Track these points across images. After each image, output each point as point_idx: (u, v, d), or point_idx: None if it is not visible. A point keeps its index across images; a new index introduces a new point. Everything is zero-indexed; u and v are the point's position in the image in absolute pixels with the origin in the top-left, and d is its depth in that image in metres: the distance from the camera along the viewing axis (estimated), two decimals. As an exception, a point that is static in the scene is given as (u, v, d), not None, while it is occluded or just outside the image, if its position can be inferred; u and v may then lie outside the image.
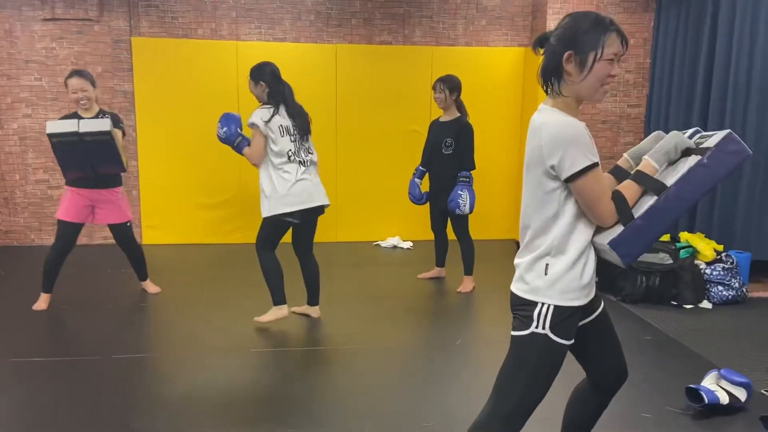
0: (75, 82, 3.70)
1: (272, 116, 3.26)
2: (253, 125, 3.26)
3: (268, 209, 3.31)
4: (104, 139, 3.65)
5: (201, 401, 2.66)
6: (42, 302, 3.82)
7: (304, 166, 3.37)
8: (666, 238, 4.35)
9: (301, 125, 3.37)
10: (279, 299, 3.43)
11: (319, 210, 3.46)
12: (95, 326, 3.58)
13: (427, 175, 4.38)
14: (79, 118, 3.68)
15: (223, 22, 5.57)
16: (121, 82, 5.50)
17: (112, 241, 5.36)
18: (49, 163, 5.53)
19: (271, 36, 5.63)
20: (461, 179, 4.06)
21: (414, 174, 4.42)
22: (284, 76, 3.38)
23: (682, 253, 4.12)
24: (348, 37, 5.71)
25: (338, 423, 2.48)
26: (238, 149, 3.34)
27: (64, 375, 2.90)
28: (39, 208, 5.59)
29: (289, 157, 3.30)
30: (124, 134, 3.80)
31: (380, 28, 5.74)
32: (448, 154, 4.15)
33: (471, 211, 4.08)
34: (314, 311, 3.72)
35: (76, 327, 3.60)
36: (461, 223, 4.21)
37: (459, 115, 4.17)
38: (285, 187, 3.27)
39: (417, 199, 4.39)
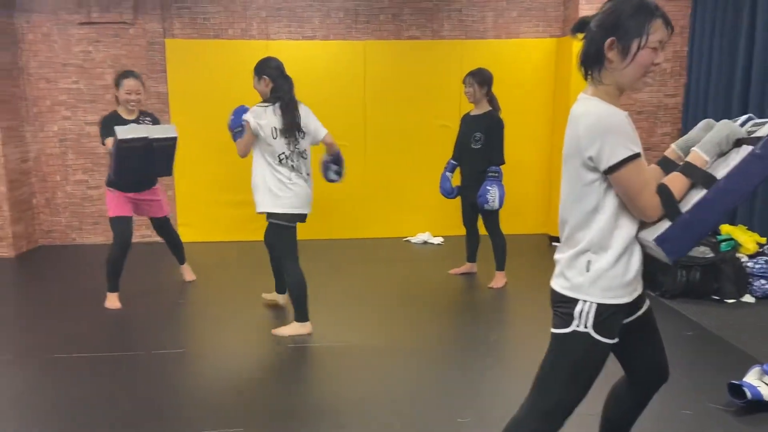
0: (133, 83, 3.74)
1: (267, 116, 3.20)
2: (244, 121, 3.26)
3: (270, 205, 3.27)
4: (169, 145, 3.73)
5: (239, 396, 2.71)
6: (114, 300, 3.87)
7: (296, 171, 3.28)
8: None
9: (291, 127, 3.24)
10: (303, 316, 3.41)
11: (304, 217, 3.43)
12: (135, 322, 3.68)
13: (458, 169, 4.36)
14: (124, 120, 3.73)
15: (253, 22, 5.63)
16: (155, 84, 5.61)
17: (149, 239, 5.53)
18: (88, 164, 5.68)
19: (300, 35, 5.67)
20: (490, 174, 4.03)
21: (445, 168, 4.40)
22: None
23: (724, 246, 4.01)
24: (377, 33, 5.71)
25: (371, 419, 2.49)
26: (234, 138, 3.38)
27: (108, 370, 2.99)
28: (79, 208, 5.75)
29: (280, 160, 3.24)
30: None
31: (409, 23, 5.71)
32: (477, 148, 4.12)
33: (500, 206, 4.04)
34: (283, 298, 3.85)
35: (115, 323, 3.69)
36: (491, 218, 4.17)
37: (490, 109, 4.13)
38: (282, 188, 3.25)
39: (448, 193, 4.37)
